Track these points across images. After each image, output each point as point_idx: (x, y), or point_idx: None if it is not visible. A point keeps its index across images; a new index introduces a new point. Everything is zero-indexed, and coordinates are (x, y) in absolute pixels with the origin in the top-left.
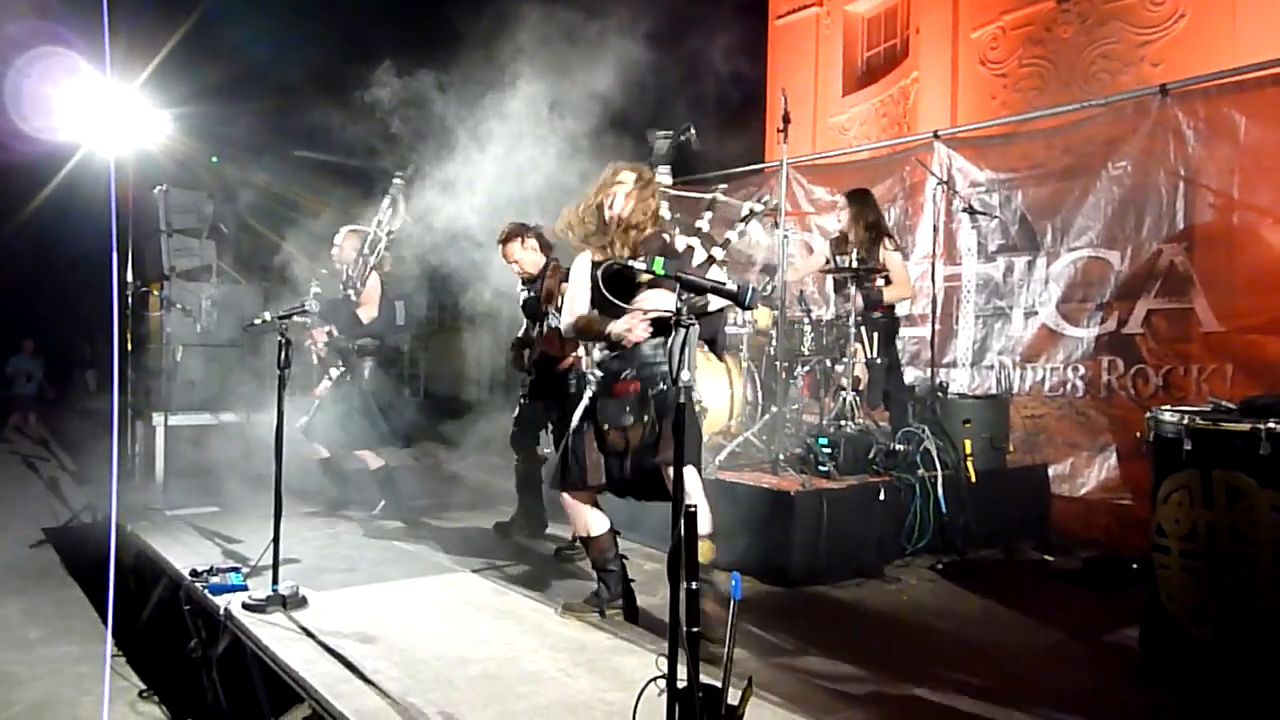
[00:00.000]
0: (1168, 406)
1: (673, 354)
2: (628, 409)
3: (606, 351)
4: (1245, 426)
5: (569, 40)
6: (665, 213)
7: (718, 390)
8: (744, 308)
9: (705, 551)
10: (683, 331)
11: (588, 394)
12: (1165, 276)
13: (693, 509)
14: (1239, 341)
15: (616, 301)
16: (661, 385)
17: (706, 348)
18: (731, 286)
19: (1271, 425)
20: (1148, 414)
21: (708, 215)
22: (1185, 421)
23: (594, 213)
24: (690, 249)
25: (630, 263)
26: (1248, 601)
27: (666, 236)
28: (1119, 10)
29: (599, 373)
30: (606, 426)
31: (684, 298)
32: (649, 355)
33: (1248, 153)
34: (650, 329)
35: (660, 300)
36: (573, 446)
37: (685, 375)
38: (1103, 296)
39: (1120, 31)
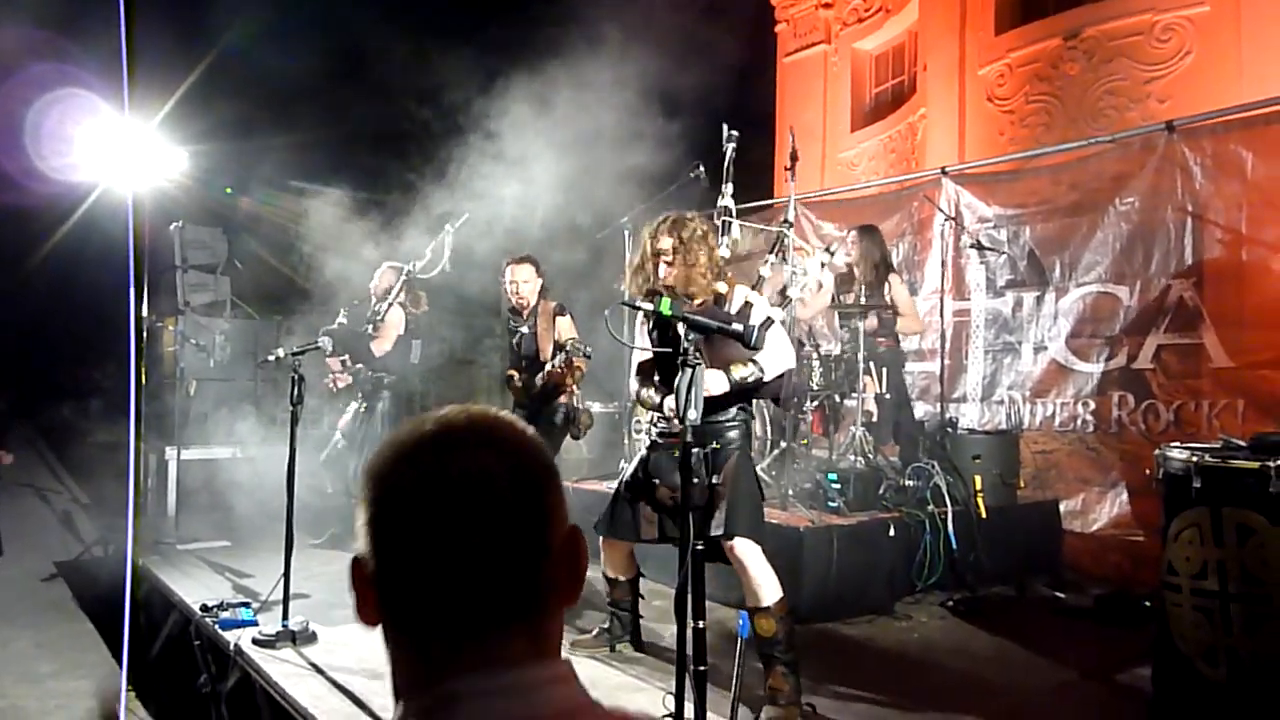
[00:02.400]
0: (1176, 444)
1: (679, 394)
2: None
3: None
4: (1255, 464)
5: (581, 79)
6: (725, 250)
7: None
8: (749, 347)
9: (767, 627)
10: (689, 371)
11: (644, 444)
12: (1174, 312)
13: (700, 548)
14: (1250, 377)
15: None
16: (715, 444)
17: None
18: (738, 327)
19: None
20: (1156, 451)
21: (770, 260)
22: (1194, 459)
23: (642, 277)
24: (748, 304)
25: (637, 302)
26: (1260, 642)
27: (724, 286)
28: (1125, 47)
29: (660, 423)
30: (658, 481)
31: (691, 337)
32: (709, 414)
33: (1255, 188)
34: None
35: (709, 380)
36: (625, 497)
37: (692, 415)
38: (1112, 331)
39: (1127, 68)
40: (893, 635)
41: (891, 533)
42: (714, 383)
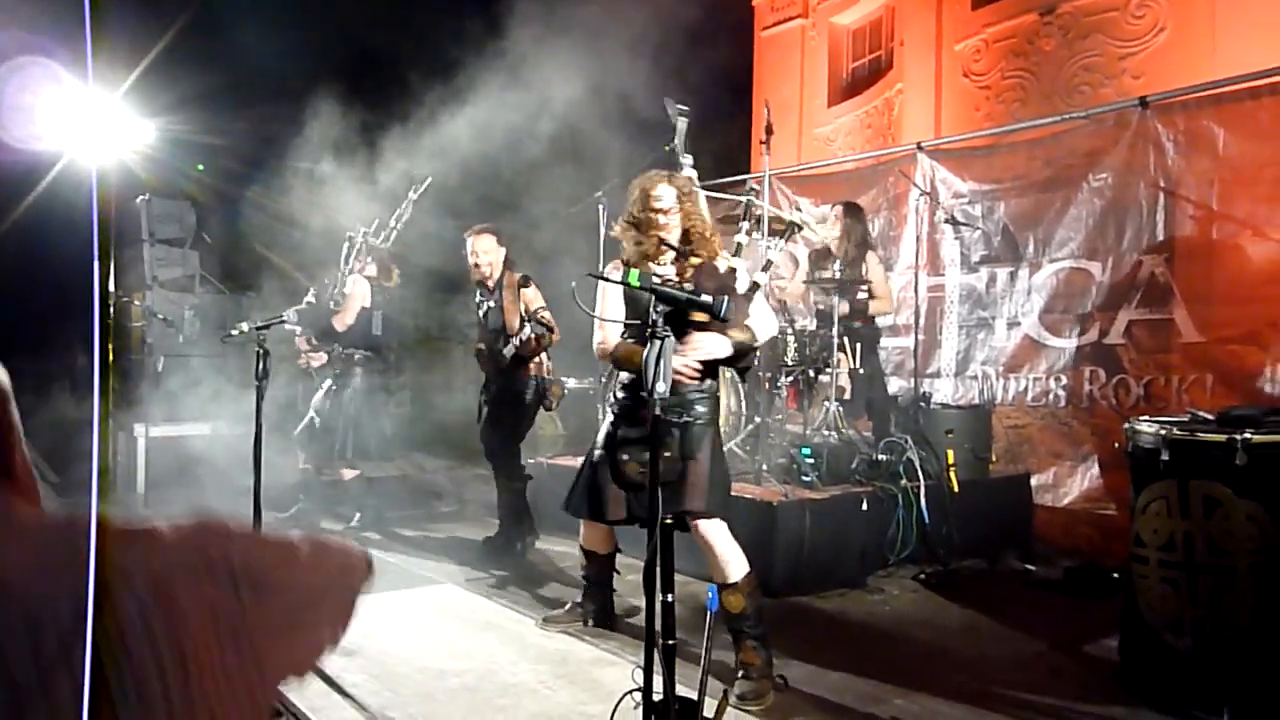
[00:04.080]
0: (1146, 417)
1: (648, 366)
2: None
3: (632, 377)
4: (1222, 437)
5: (553, 50)
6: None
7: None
8: (719, 319)
9: (734, 603)
10: (658, 343)
11: (608, 420)
12: (1146, 287)
13: (669, 522)
14: (1219, 352)
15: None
16: (687, 417)
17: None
18: (707, 299)
19: (1247, 436)
20: (1126, 424)
21: (744, 226)
22: (1163, 432)
23: (643, 232)
24: (733, 270)
25: (606, 275)
26: (1224, 612)
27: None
28: (1100, 23)
29: (621, 395)
30: (626, 458)
31: (659, 309)
32: (676, 385)
33: (1226, 165)
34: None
35: (713, 343)
36: (593, 477)
37: (660, 388)
38: (1084, 307)
39: (1101, 44)
40: (865, 608)
41: (864, 507)
42: (716, 346)
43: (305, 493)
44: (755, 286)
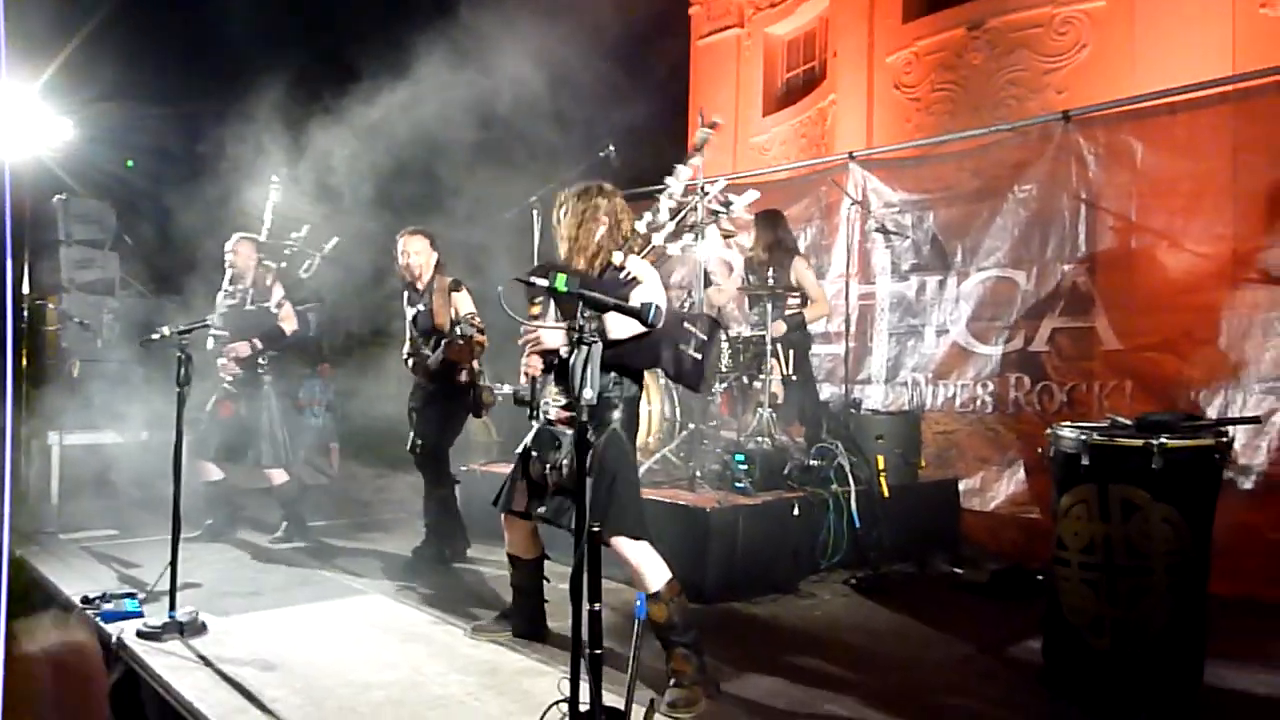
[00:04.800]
0: (1068, 423)
1: (574, 372)
2: (557, 442)
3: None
4: (1139, 442)
5: (491, 57)
6: (642, 226)
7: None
8: (648, 326)
9: (658, 613)
10: (584, 349)
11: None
12: (1069, 296)
13: (596, 529)
14: (1137, 359)
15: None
16: (593, 425)
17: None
18: (636, 305)
19: (1164, 440)
20: (1048, 430)
21: (646, 217)
22: (1083, 437)
23: (579, 245)
24: (618, 268)
25: (531, 279)
26: (1142, 612)
27: (619, 257)
28: (1026, 39)
29: (523, 404)
30: (535, 454)
31: (586, 315)
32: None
33: (1144, 178)
34: (541, 361)
35: (546, 334)
36: (513, 470)
37: (588, 394)
38: (1010, 315)
39: (1027, 59)
40: (796, 613)
41: (796, 512)
42: (548, 336)
43: (217, 506)
44: (634, 281)
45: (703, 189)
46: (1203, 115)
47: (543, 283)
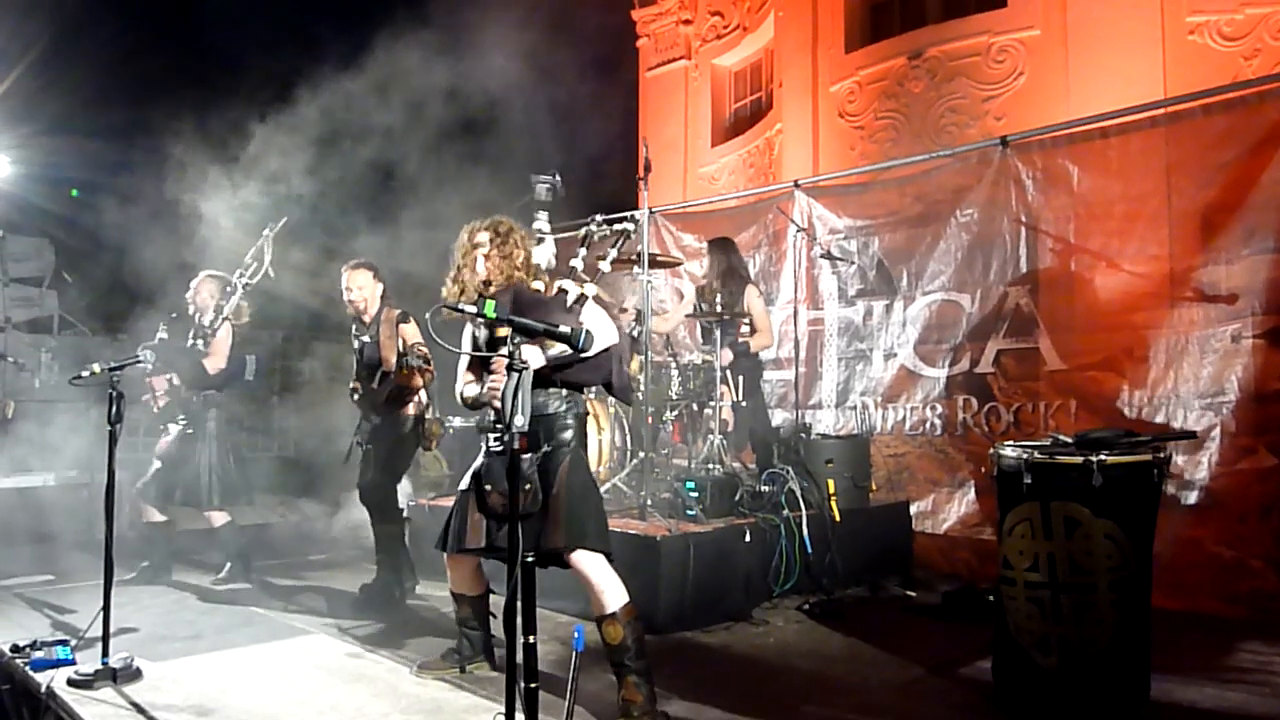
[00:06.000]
0: (1010, 442)
1: (506, 400)
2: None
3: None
4: (1079, 459)
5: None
6: (541, 258)
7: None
8: (577, 350)
9: (614, 634)
10: (515, 376)
11: (482, 453)
12: (1012, 318)
13: (530, 559)
14: (1080, 378)
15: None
16: (546, 447)
17: (606, 394)
18: (565, 329)
19: (1103, 457)
20: (991, 449)
21: (581, 252)
22: (1024, 456)
23: (464, 278)
24: (563, 291)
25: (460, 305)
26: (1087, 629)
27: (541, 285)
28: (964, 68)
29: (491, 431)
30: (489, 487)
31: (516, 341)
32: (539, 408)
33: (1081, 200)
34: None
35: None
36: (457, 506)
37: (519, 421)
38: (955, 338)
39: (966, 87)
40: (749, 641)
41: (747, 538)
42: (530, 356)
43: (155, 547)
44: (582, 298)
45: (632, 217)
46: (1135, 138)
47: (471, 309)
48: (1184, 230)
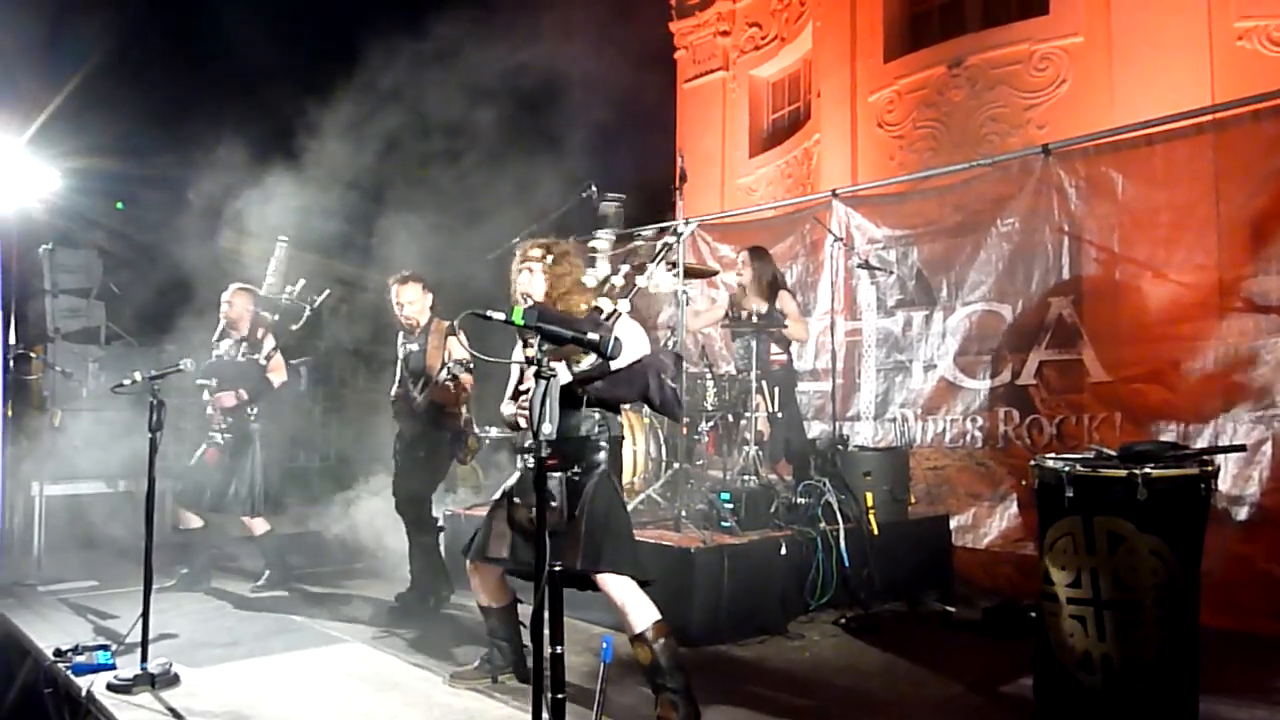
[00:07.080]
0: (1051, 454)
1: (533, 407)
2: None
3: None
4: (1123, 472)
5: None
6: (590, 279)
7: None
8: (606, 358)
9: (644, 655)
10: (543, 383)
11: (518, 469)
12: (1054, 329)
13: (557, 570)
14: (1125, 390)
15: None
16: (577, 468)
17: (646, 408)
18: (593, 337)
19: (1148, 470)
20: (1032, 462)
21: (623, 269)
22: (1066, 469)
23: (513, 291)
24: (598, 309)
25: (488, 312)
26: (1132, 647)
27: (607, 303)
28: (1005, 76)
29: (525, 453)
30: (517, 500)
31: (544, 348)
32: (572, 430)
33: (1125, 209)
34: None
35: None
36: (486, 517)
37: (547, 429)
38: (996, 349)
39: (1007, 96)
40: (784, 655)
41: (783, 551)
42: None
43: (195, 554)
44: (615, 314)
45: (675, 230)
46: (1182, 146)
47: (499, 316)
48: (1233, 239)
